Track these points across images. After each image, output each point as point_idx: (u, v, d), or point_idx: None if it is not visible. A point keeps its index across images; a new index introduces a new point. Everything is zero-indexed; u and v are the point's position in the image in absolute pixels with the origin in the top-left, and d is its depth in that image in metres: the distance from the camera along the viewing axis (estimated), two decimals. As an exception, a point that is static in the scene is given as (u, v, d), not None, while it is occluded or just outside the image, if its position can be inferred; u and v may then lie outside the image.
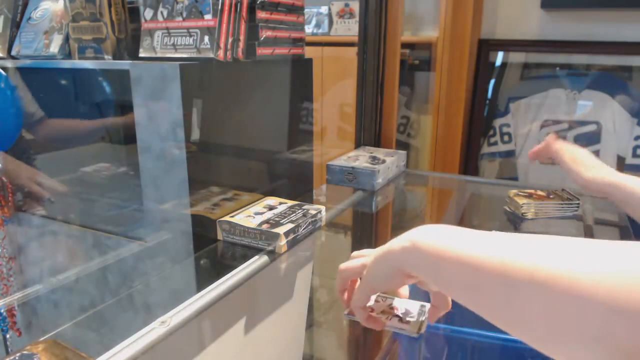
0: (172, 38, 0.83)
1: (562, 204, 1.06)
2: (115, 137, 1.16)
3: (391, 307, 0.78)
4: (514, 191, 1.12)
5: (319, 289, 1.23)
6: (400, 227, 1.39)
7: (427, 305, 0.81)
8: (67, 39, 0.95)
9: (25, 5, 1.04)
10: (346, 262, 0.58)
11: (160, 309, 0.61)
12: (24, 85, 1.05)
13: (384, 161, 1.24)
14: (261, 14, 0.89)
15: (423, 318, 0.76)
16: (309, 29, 2.24)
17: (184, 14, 0.82)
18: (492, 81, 2.02)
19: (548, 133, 1.21)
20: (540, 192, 1.11)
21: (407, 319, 0.76)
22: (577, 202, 1.07)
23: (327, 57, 2.08)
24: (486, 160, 2.03)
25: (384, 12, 1.39)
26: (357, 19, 1.55)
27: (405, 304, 0.81)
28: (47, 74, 1.07)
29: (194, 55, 0.81)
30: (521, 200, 1.06)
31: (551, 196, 1.09)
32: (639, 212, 0.75)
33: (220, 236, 0.84)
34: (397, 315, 0.73)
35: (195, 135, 0.79)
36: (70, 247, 1.03)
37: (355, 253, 0.58)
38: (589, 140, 1.83)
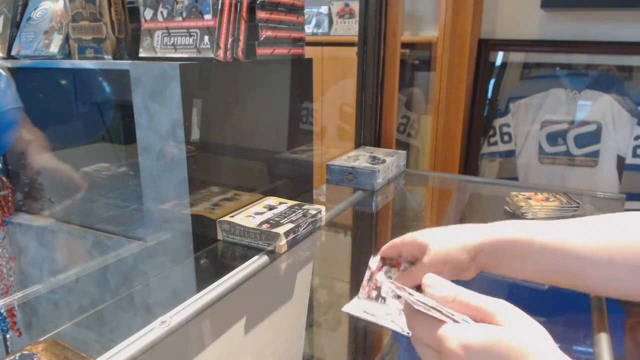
0: (172, 38, 0.83)
1: (562, 207, 1.06)
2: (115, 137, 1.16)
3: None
4: (514, 193, 1.12)
5: (319, 289, 1.23)
6: (400, 226, 1.39)
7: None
8: (67, 39, 0.95)
9: (25, 5, 1.04)
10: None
11: (160, 308, 0.61)
12: (23, 85, 1.05)
13: (384, 161, 1.24)
14: (261, 14, 0.89)
15: None
16: (309, 29, 2.24)
17: (184, 14, 0.82)
18: (492, 81, 2.02)
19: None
20: (539, 196, 1.11)
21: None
22: (577, 205, 1.07)
23: (327, 57, 2.08)
24: (486, 160, 2.03)
25: (384, 12, 1.39)
26: (357, 18, 1.55)
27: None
28: (47, 74, 1.07)
29: (194, 55, 0.81)
30: (520, 203, 1.06)
31: (551, 199, 1.09)
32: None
33: (220, 236, 0.84)
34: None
35: (195, 135, 0.79)
36: (70, 247, 1.03)
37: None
38: (589, 140, 1.83)
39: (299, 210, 0.87)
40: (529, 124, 1.94)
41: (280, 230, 0.78)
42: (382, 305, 0.79)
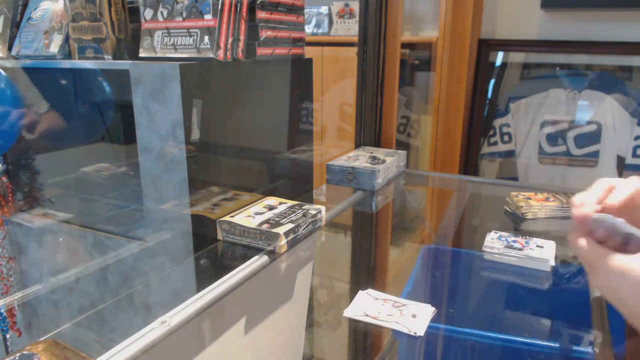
0: (172, 38, 0.83)
1: (562, 207, 1.06)
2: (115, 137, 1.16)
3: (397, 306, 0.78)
4: (514, 193, 1.12)
5: (319, 289, 1.23)
6: (400, 227, 1.39)
7: (431, 309, 0.82)
8: (67, 39, 0.95)
9: (25, 5, 1.04)
10: None
11: (160, 308, 0.61)
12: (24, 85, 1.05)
13: (384, 161, 1.24)
14: (261, 14, 0.89)
15: (425, 319, 0.76)
16: (309, 29, 2.24)
17: (184, 14, 0.82)
18: (492, 81, 2.02)
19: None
20: (539, 196, 1.11)
21: (410, 318, 0.76)
22: (577, 203, 1.06)
23: (327, 57, 2.08)
24: (486, 160, 2.03)
25: (384, 12, 1.39)
26: (357, 19, 1.55)
27: (410, 305, 0.81)
28: (47, 74, 1.07)
29: (194, 55, 0.81)
30: (520, 203, 1.07)
31: (551, 199, 1.09)
32: None
33: (220, 236, 0.84)
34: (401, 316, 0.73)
35: (195, 135, 0.79)
36: (70, 247, 1.03)
37: None
38: (589, 140, 1.83)
39: (299, 210, 0.87)
40: (529, 124, 1.94)
41: (280, 230, 0.78)
42: (383, 307, 0.79)
